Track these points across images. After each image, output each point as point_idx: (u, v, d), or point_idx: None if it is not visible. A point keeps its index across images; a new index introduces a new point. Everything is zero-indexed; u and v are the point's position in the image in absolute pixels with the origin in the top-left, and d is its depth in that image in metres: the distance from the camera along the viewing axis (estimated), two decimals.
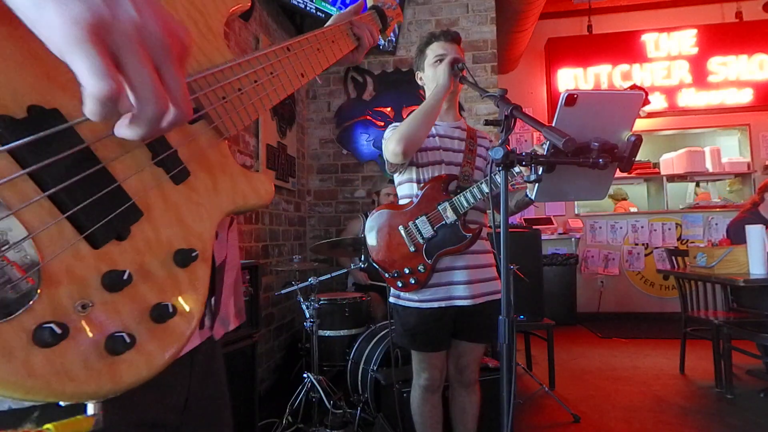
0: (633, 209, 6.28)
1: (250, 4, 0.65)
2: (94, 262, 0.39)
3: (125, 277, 0.40)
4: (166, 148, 0.48)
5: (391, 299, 1.88)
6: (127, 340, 0.38)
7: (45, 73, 0.40)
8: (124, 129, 0.38)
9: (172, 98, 0.38)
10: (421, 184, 1.82)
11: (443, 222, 1.74)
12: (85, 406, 0.37)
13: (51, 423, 0.36)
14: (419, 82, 1.92)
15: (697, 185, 6.39)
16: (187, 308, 0.45)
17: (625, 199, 6.53)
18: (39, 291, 0.35)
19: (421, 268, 1.76)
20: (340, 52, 0.88)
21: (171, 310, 0.42)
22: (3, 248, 0.34)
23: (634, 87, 1.31)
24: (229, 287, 0.67)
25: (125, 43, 0.34)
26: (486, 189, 1.65)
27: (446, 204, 1.74)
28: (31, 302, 0.34)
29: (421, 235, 1.76)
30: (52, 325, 0.34)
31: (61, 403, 0.36)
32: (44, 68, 0.39)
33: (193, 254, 0.46)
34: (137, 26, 0.35)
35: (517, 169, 1.51)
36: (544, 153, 1.18)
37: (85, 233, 0.39)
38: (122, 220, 0.42)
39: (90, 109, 0.34)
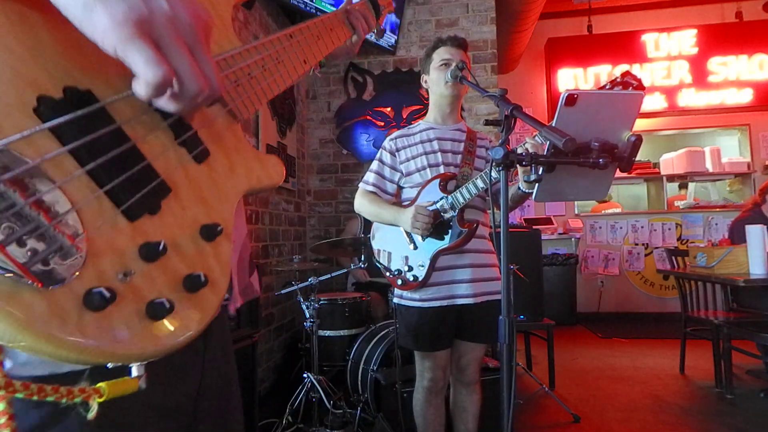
0: (614, 210, 6.20)
1: None
2: (131, 234, 0.42)
3: (161, 248, 0.42)
4: (187, 129, 0.50)
5: (395, 299, 1.90)
6: (167, 305, 0.40)
7: (77, 57, 0.42)
8: (164, 103, 0.43)
9: (206, 77, 0.43)
10: (420, 186, 1.83)
11: (441, 219, 1.75)
12: (129, 369, 0.40)
13: (103, 382, 0.38)
14: (424, 85, 1.95)
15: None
16: (215, 280, 0.47)
17: (604, 201, 6.44)
18: (85, 260, 0.37)
19: (420, 265, 1.77)
20: (339, 40, 0.91)
21: (203, 279, 0.45)
22: (54, 219, 0.36)
23: (626, 74, 1.31)
24: (233, 266, 0.68)
25: (163, 33, 0.39)
26: (481, 184, 1.66)
27: (443, 201, 1.76)
28: (79, 270, 0.36)
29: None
30: (102, 289, 0.36)
31: (109, 365, 0.38)
32: (76, 52, 0.42)
33: (219, 229, 0.49)
34: (170, 17, 0.40)
35: None
36: (538, 144, 1.17)
37: (122, 207, 0.41)
38: (153, 196, 0.44)
39: (145, 92, 0.40)
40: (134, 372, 0.40)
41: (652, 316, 5.76)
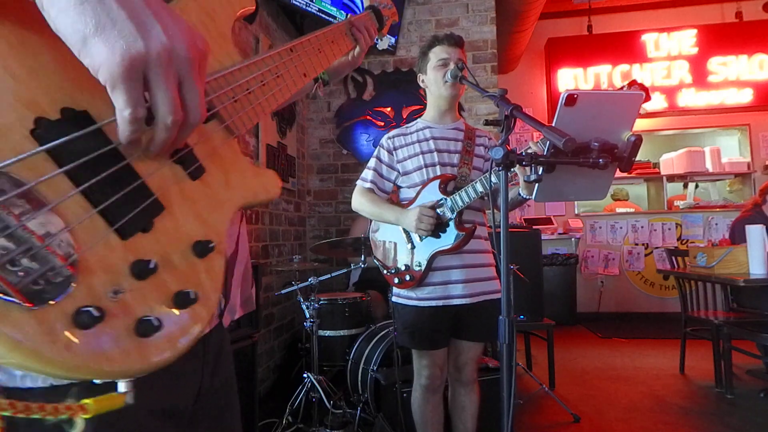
0: (625, 209, 6.22)
1: (254, 7, 0.67)
2: (123, 253, 0.42)
3: (152, 266, 0.43)
4: (183, 147, 0.51)
5: (393, 298, 1.91)
6: (155, 323, 0.41)
7: (74, 78, 0.43)
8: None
9: (188, 106, 0.44)
10: (419, 186, 1.83)
11: (440, 221, 1.75)
12: (116, 384, 0.40)
13: (89, 398, 0.39)
14: (421, 84, 1.94)
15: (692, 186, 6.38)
16: (206, 296, 0.48)
17: (621, 200, 6.48)
18: (76, 278, 0.38)
19: (416, 266, 1.78)
20: (340, 52, 0.92)
21: (192, 296, 0.45)
22: (46, 240, 0.37)
23: (633, 83, 1.31)
24: (236, 279, 0.70)
25: (155, 68, 0.40)
26: (480, 188, 1.66)
27: (443, 202, 1.76)
28: (70, 288, 0.37)
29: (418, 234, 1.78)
30: (91, 308, 0.37)
31: (96, 381, 0.39)
32: (73, 74, 0.43)
33: (210, 245, 0.49)
34: (167, 50, 0.40)
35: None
36: (541, 150, 1.18)
37: (114, 226, 0.42)
38: (146, 214, 0.45)
39: (122, 129, 0.41)
40: (121, 388, 0.40)
41: (652, 316, 5.75)
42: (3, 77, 0.38)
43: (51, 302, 0.36)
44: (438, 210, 1.76)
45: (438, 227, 1.75)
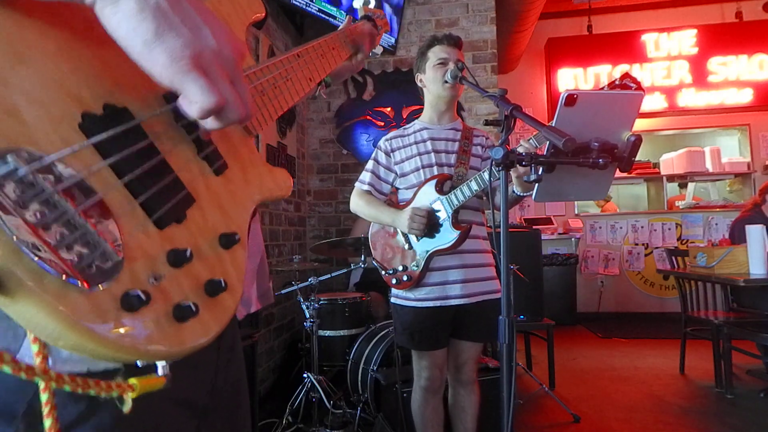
0: (626, 210, 6.23)
1: (264, 14, 0.71)
2: (160, 241, 0.45)
3: (188, 254, 0.45)
4: (208, 144, 0.54)
5: (391, 299, 1.91)
6: (193, 308, 0.43)
7: (113, 78, 0.46)
8: (209, 122, 0.47)
9: (244, 105, 0.48)
10: (416, 187, 1.84)
11: (435, 220, 1.75)
12: (155, 367, 0.42)
13: (134, 378, 0.41)
14: (419, 84, 1.93)
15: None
16: (233, 285, 0.50)
17: (608, 201, 6.48)
18: (122, 264, 0.40)
19: (414, 266, 1.78)
20: (341, 58, 0.97)
21: (223, 285, 0.47)
22: (98, 226, 0.39)
23: (625, 76, 1.31)
24: (250, 272, 0.72)
25: (211, 65, 0.44)
26: (475, 186, 1.66)
27: (438, 202, 1.76)
28: (119, 273, 0.39)
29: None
30: (138, 291, 0.39)
31: (139, 363, 0.41)
32: (113, 74, 0.46)
33: (236, 237, 0.52)
34: (216, 52, 0.45)
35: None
36: (531, 148, 1.18)
37: (153, 216, 0.45)
38: (180, 205, 0.48)
39: (197, 115, 0.44)
40: (160, 371, 0.43)
41: (652, 316, 5.76)
42: (53, 75, 0.41)
43: (102, 285, 0.38)
44: (433, 207, 1.76)
45: (434, 227, 1.76)
